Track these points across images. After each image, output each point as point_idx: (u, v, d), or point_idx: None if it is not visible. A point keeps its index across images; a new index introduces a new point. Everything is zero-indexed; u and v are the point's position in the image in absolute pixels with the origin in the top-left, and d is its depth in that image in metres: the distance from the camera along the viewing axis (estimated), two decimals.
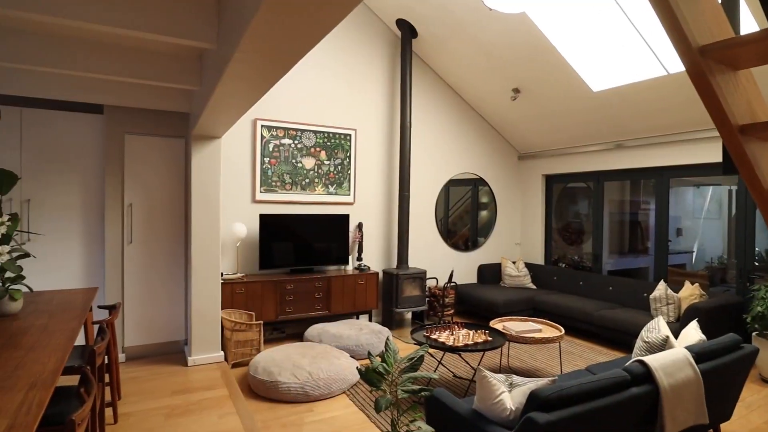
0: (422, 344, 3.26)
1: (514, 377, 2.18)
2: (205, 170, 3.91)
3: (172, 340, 4.20)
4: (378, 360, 2.06)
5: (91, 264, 3.96)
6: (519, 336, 3.63)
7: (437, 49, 5.43)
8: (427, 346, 2.14)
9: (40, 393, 1.40)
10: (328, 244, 4.99)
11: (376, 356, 2.26)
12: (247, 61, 1.98)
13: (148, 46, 3.04)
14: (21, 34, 2.79)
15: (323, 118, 5.14)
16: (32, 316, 2.37)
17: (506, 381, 2.17)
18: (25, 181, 3.71)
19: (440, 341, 3.39)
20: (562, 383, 1.89)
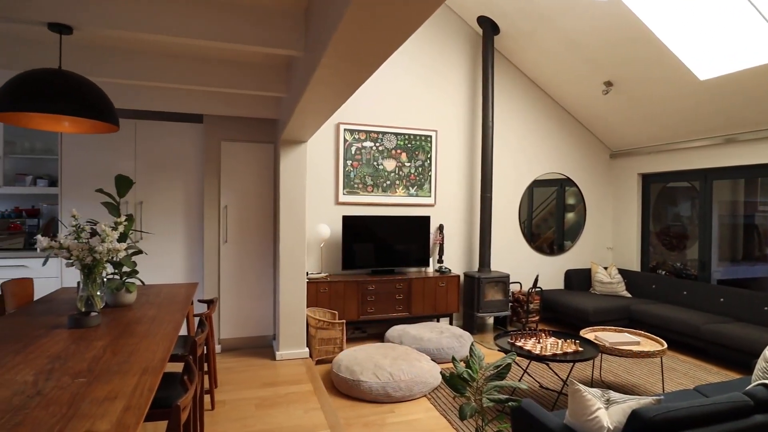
0: (507, 351, 3.14)
1: (611, 393, 2.01)
2: (292, 173, 4.09)
3: (262, 335, 4.44)
4: (462, 366, 2.01)
5: (192, 261, 4.31)
6: (614, 348, 3.37)
7: (521, 44, 5.23)
8: (514, 354, 2.05)
9: (151, 378, 1.53)
10: (408, 246, 5.00)
11: (460, 361, 2.21)
12: (333, 66, 2.03)
13: (241, 58, 3.24)
14: (134, 54, 3.11)
15: (404, 120, 5.17)
16: (144, 307, 2.61)
17: (602, 396, 2.01)
18: (138, 185, 4.13)
19: (526, 349, 3.23)
20: (669, 404, 1.71)
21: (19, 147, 4.23)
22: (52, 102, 1.93)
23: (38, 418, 1.23)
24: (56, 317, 2.34)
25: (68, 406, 1.31)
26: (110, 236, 2.33)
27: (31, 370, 1.60)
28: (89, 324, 2.18)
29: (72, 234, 2.35)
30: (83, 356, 1.75)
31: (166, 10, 2.27)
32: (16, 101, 1.91)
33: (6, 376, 1.54)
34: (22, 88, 1.94)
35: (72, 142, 3.99)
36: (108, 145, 4.06)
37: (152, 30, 2.24)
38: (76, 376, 1.54)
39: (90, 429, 1.18)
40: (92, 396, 1.38)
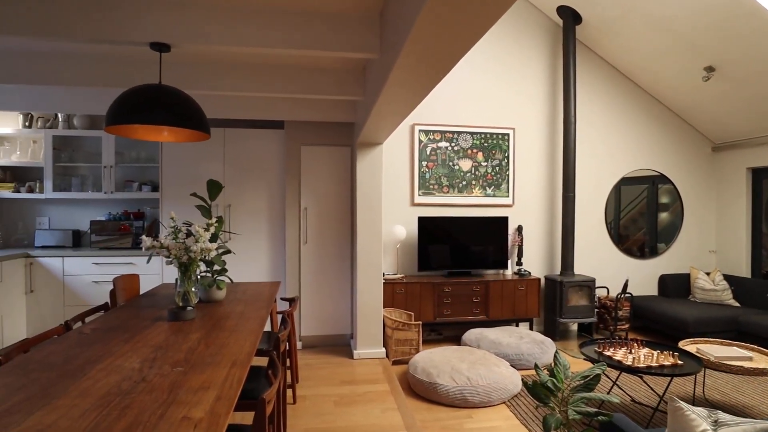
0: (594, 361, 2.94)
1: (720, 414, 1.80)
2: (368, 175, 4.16)
3: (340, 333, 4.56)
4: (546, 374, 1.91)
5: (275, 260, 4.52)
6: (721, 363, 3.02)
7: (606, 33, 4.89)
8: (603, 365, 1.91)
9: (239, 371, 1.62)
10: (485, 248, 4.87)
11: (543, 369, 2.10)
12: (408, 66, 2.02)
13: (319, 64, 3.35)
14: (223, 68, 3.33)
15: (479, 118, 5.05)
16: (233, 303, 2.78)
17: (709, 417, 1.80)
18: (227, 188, 4.42)
19: (616, 359, 3.01)
20: None
21: (127, 157, 4.71)
22: (153, 114, 2.12)
23: (143, 403, 1.35)
24: (158, 310, 2.57)
25: (168, 392, 1.42)
26: (203, 236, 2.50)
27: (138, 358, 1.76)
28: (186, 318, 2.36)
29: (170, 234, 2.56)
30: (180, 347, 1.89)
31: (251, 24, 2.40)
32: (123, 115, 2.13)
33: (117, 362, 1.71)
34: (128, 103, 2.15)
35: (171, 151, 4.36)
36: (201, 152, 4.39)
37: (239, 43, 2.38)
38: (175, 366, 1.67)
39: (186, 415, 1.26)
40: (188, 385, 1.48)
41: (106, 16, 2.29)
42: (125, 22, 2.30)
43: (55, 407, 1.32)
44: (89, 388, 1.47)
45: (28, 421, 1.24)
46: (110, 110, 2.16)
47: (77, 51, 3.12)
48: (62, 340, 2.01)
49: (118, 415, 1.27)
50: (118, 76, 3.26)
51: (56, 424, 1.22)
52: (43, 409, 1.32)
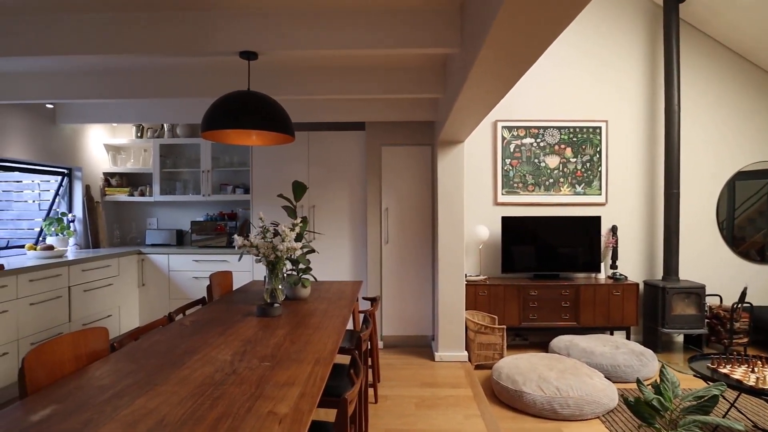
0: (707, 378, 2.61)
1: None
2: (449, 174, 4.08)
3: (421, 334, 4.52)
4: (650, 390, 1.71)
5: (357, 260, 4.60)
6: None
7: (715, 7, 4.35)
8: (723, 385, 1.67)
9: (322, 368, 1.64)
10: (575, 249, 4.56)
11: (646, 384, 1.89)
12: (491, 59, 1.93)
13: (399, 63, 3.34)
14: (306, 72, 3.44)
15: (567, 112, 4.74)
16: (317, 301, 2.85)
17: None
18: (311, 190, 4.58)
19: (735, 378, 2.64)
20: None
21: (222, 161, 5.06)
22: (242, 119, 2.24)
23: (233, 395, 1.41)
24: (248, 306, 2.70)
25: (256, 386, 1.47)
26: (289, 236, 2.59)
27: (230, 350, 1.85)
28: (273, 314, 2.46)
29: (259, 234, 2.68)
30: (268, 342, 1.96)
31: (333, 27, 2.44)
32: (216, 121, 2.27)
33: (211, 354, 1.81)
34: (219, 110, 2.29)
35: (260, 155, 4.61)
36: (287, 155, 4.59)
37: (322, 46, 2.43)
38: (263, 360, 1.73)
39: (272, 410, 1.29)
40: (274, 380, 1.53)
41: (200, 31, 2.45)
42: (216, 35, 2.45)
43: (158, 393, 1.42)
44: (187, 377, 1.56)
45: (134, 404, 1.35)
46: (205, 117, 2.32)
47: (177, 65, 3.40)
48: (166, 330, 2.18)
49: (211, 405, 1.34)
50: (213, 86, 3.49)
51: (157, 409, 1.31)
52: (147, 394, 1.42)
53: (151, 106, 4.41)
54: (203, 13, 2.46)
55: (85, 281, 3.99)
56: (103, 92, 3.56)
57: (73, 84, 3.57)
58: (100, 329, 1.89)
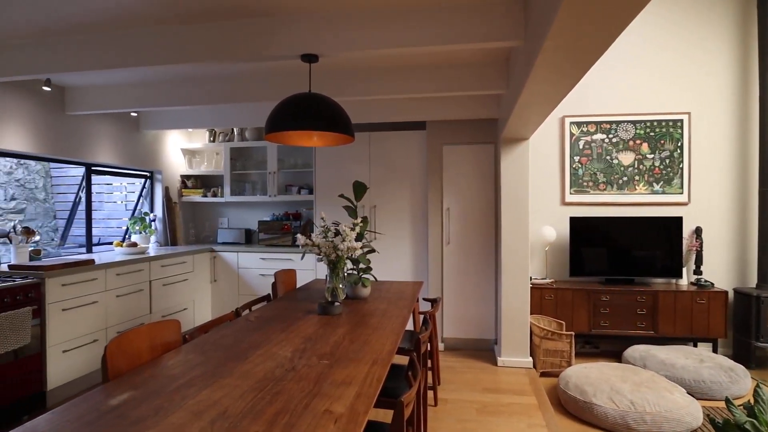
0: None
1: None
2: (513, 173, 3.93)
3: (483, 338, 4.40)
4: (742, 412, 1.54)
5: (418, 261, 4.57)
6: None
7: None
8: None
9: (380, 369, 1.63)
10: (652, 252, 4.23)
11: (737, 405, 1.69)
12: (556, 50, 1.82)
13: (460, 60, 3.27)
14: (366, 73, 3.46)
15: (643, 104, 4.41)
16: (377, 301, 2.86)
17: None
18: (372, 190, 4.61)
19: None
20: None
21: (287, 163, 5.23)
22: (302, 121, 2.29)
23: (291, 391, 1.43)
24: (310, 304, 2.76)
25: (314, 383, 1.49)
26: (349, 236, 2.61)
27: (290, 347, 1.90)
28: (333, 312, 2.49)
29: (321, 234, 2.73)
30: (327, 340, 1.99)
31: (394, 25, 2.43)
32: (278, 124, 2.34)
33: (273, 350, 1.86)
34: (281, 112, 2.36)
35: (323, 156, 4.71)
36: (348, 156, 4.65)
37: (383, 45, 2.43)
38: (321, 358, 1.75)
39: (329, 409, 1.30)
40: (332, 378, 1.54)
41: (264, 37, 2.54)
42: (279, 39, 2.53)
43: (222, 385, 1.48)
44: (249, 371, 1.62)
45: (200, 395, 1.41)
46: (268, 120, 2.40)
47: (245, 72, 3.55)
48: (232, 325, 2.28)
49: (270, 400, 1.37)
50: (278, 90, 3.62)
51: (221, 401, 1.36)
52: (212, 385, 1.48)
53: (222, 112, 4.65)
54: (267, 19, 2.54)
55: (164, 276, 4.28)
56: (180, 100, 3.80)
57: (154, 93, 3.85)
58: (173, 322, 2.01)
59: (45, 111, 3.79)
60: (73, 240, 4.63)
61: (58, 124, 3.91)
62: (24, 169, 5.27)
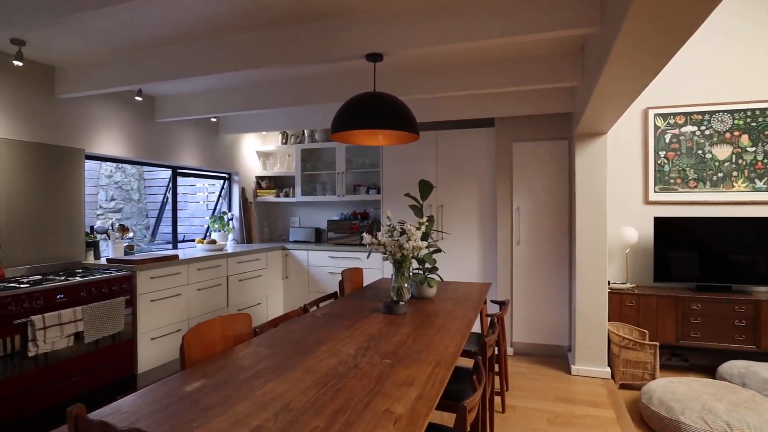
0: None
1: None
2: (589, 170, 3.70)
3: (555, 344, 4.18)
4: None
5: (486, 261, 4.44)
6: None
7: None
8: None
9: (442, 371, 1.59)
10: (754, 257, 3.79)
11: None
12: (636, 33, 1.67)
13: (529, 52, 3.13)
14: (431, 70, 3.41)
15: (743, 91, 3.95)
16: (442, 301, 2.81)
17: None
18: (439, 189, 4.55)
19: None
20: None
21: (355, 163, 5.32)
22: (365, 120, 2.30)
23: (353, 388, 1.44)
24: (375, 302, 2.77)
25: (375, 382, 1.48)
26: (414, 235, 2.59)
27: (354, 344, 1.91)
28: (398, 311, 2.48)
29: (387, 233, 2.73)
30: (391, 340, 1.98)
31: (457, 19, 2.38)
32: (343, 123, 2.37)
33: (337, 347, 1.88)
34: (346, 112, 2.39)
35: (389, 156, 4.73)
36: (415, 155, 4.63)
37: (450, 40, 2.38)
38: (384, 357, 1.74)
39: (389, 409, 1.29)
40: (393, 378, 1.52)
41: (329, 38, 2.59)
42: (344, 40, 2.56)
43: (287, 379, 1.52)
44: (313, 366, 1.65)
45: (266, 387, 1.46)
46: (333, 120, 2.44)
47: (312, 74, 3.65)
48: (300, 320, 2.34)
49: (332, 396, 1.38)
50: (345, 91, 3.68)
51: (285, 394, 1.40)
52: (277, 378, 1.53)
53: (293, 114, 4.83)
54: (332, 21, 2.59)
55: (240, 272, 4.52)
56: (254, 104, 3.99)
57: (230, 99, 4.07)
58: (244, 315, 2.10)
59: (138, 119, 4.15)
60: (162, 237, 5.03)
61: (149, 131, 4.27)
62: (122, 172, 5.82)
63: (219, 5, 2.40)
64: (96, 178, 5.49)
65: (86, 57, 3.18)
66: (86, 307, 2.96)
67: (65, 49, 3.02)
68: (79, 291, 2.96)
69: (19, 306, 2.63)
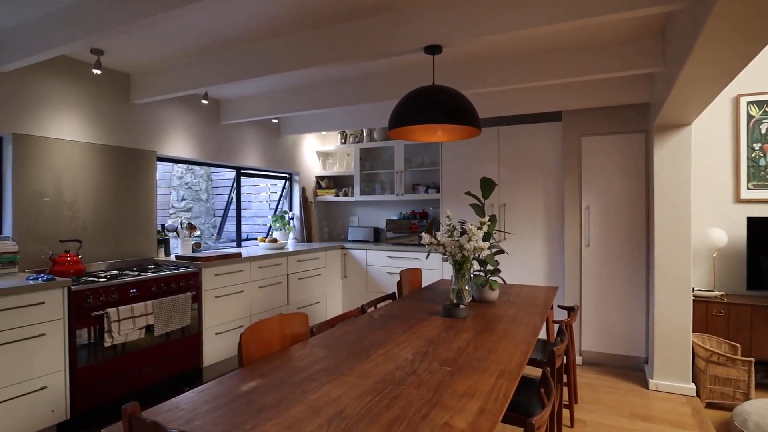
0: None
1: None
2: (670, 165, 3.37)
3: (630, 355, 3.86)
4: None
5: (552, 264, 4.19)
6: None
7: None
8: None
9: (507, 383, 1.46)
10: None
11: None
12: (731, 11, 1.46)
13: (601, 37, 2.89)
14: (493, 63, 3.25)
15: None
16: (505, 305, 2.66)
17: None
18: (501, 187, 4.36)
19: None
20: None
21: (414, 162, 5.23)
22: (425, 114, 2.21)
23: (410, 397, 1.35)
24: (434, 304, 2.68)
25: (433, 391, 1.39)
26: (476, 235, 2.47)
27: (412, 349, 1.83)
28: (458, 315, 2.37)
29: (447, 233, 2.63)
30: (450, 345, 1.88)
31: (521, 4, 2.22)
32: (400, 119, 2.29)
33: (394, 350, 1.81)
34: (405, 106, 2.31)
35: (449, 154, 4.60)
36: (476, 153, 4.47)
37: (512, 27, 2.23)
38: (443, 364, 1.64)
39: (448, 422, 1.19)
40: (453, 388, 1.42)
41: (387, 32, 2.52)
42: (402, 33, 2.48)
43: (342, 383, 1.47)
44: (369, 370, 1.58)
45: (320, 390, 1.41)
46: (391, 116, 2.37)
47: (370, 72, 3.60)
48: (357, 321, 2.29)
49: (388, 404, 1.30)
50: (403, 88, 3.61)
51: (339, 399, 1.34)
52: (332, 382, 1.48)
53: (352, 114, 4.83)
54: (389, 15, 2.52)
55: (300, 270, 4.58)
56: (312, 104, 4.02)
57: (290, 100, 4.13)
58: (301, 314, 2.08)
59: (204, 122, 4.32)
60: (227, 235, 5.22)
61: (215, 133, 4.43)
62: (191, 173, 6.12)
63: (278, 5, 2.41)
64: (168, 180, 5.82)
65: (158, 63, 3.34)
66: (156, 301, 3.10)
67: (139, 56, 3.18)
68: (149, 286, 3.11)
69: (97, 299, 2.80)
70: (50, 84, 3.13)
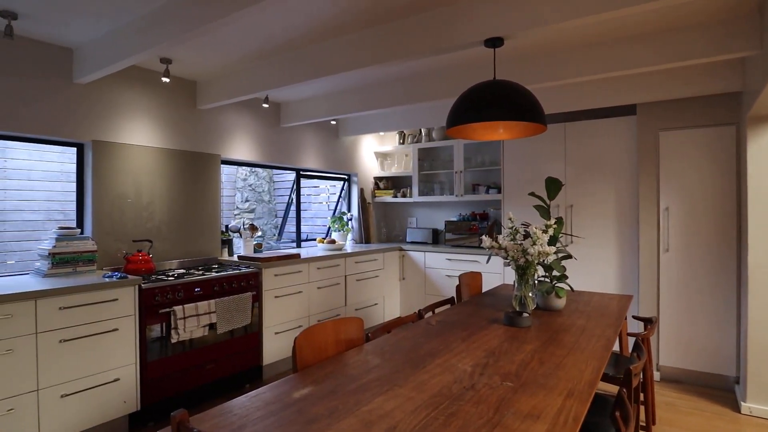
0: None
1: None
2: (767, 161, 2.99)
3: (717, 373, 3.48)
4: None
5: (625, 271, 3.88)
6: None
7: None
8: None
9: (577, 405, 1.32)
10: None
11: None
12: None
13: (682, 20, 2.61)
14: (558, 54, 3.05)
15: None
16: (573, 315, 2.47)
17: None
18: (568, 187, 4.10)
19: None
20: None
21: (474, 162, 5.07)
22: (484, 111, 2.08)
23: (468, 414, 1.25)
24: (495, 311, 2.54)
25: (494, 410, 1.28)
26: (540, 239, 2.31)
27: (470, 360, 1.72)
28: (521, 324, 2.22)
29: (509, 235, 2.49)
30: (513, 358, 1.75)
31: None
32: (460, 116, 2.18)
33: (451, 361, 1.71)
34: (464, 103, 2.19)
35: (511, 152, 4.40)
36: (540, 151, 4.23)
37: (579, 14, 2.06)
38: (505, 378, 1.53)
39: None
40: (516, 407, 1.30)
41: (445, 26, 2.42)
42: (461, 27, 2.37)
43: (395, 395, 1.39)
44: (425, 382, 1.50)
45: (373, 402, 1.34)
46: (450, 113, 2.26)
47: (427, 70, 3.51)
48: (414, 327, 2.21)
49: (444, 421, 1.21)
50: (460, 85, 3.48)
51: (392, 413, 1.27)
52: (386, 393, 1.41)
53: (409, 113, 4.75)
54: (446, 9, 2.41)
55: (358, 272, 4.57)
56: (371, 104, 3.99)
57: (349, 101, 4.13)
58: (357, 319, 2.03)
59: (265, 125, 4.43)
60: (287, 236, 5.33)
61: (275, 135, 4.53)
62: (255, 175, 6.32)
63: (334, 5, 2.39)
64: (233, 182, 6.04)
65: (221, 70, 3.45)
66: (218, 300, 3.20)
67: (203, 63, 3.30)
68: (212, 285, 3.21)
69: (164, 297, 2.93)
70: (124, 93, 3.33)
